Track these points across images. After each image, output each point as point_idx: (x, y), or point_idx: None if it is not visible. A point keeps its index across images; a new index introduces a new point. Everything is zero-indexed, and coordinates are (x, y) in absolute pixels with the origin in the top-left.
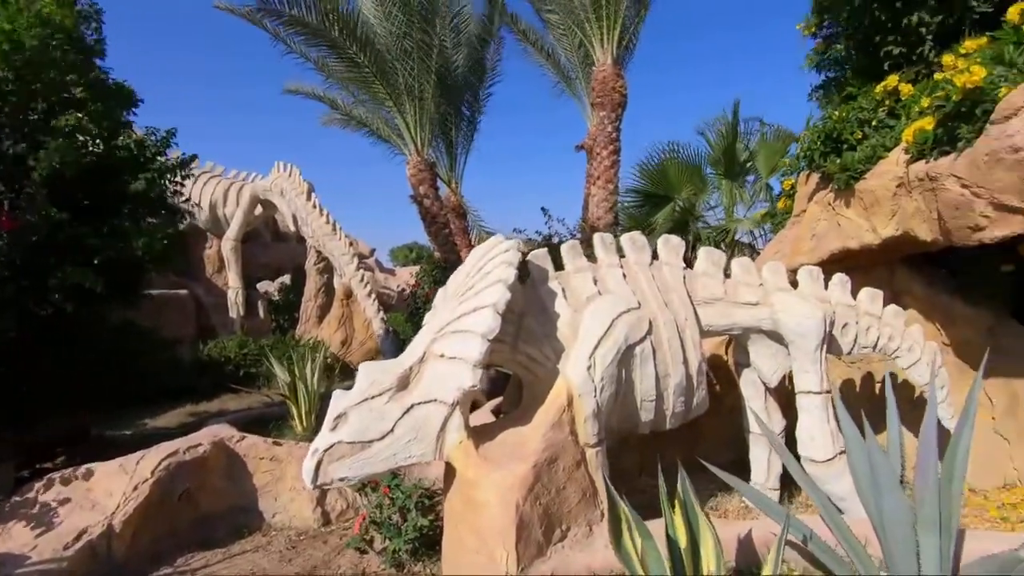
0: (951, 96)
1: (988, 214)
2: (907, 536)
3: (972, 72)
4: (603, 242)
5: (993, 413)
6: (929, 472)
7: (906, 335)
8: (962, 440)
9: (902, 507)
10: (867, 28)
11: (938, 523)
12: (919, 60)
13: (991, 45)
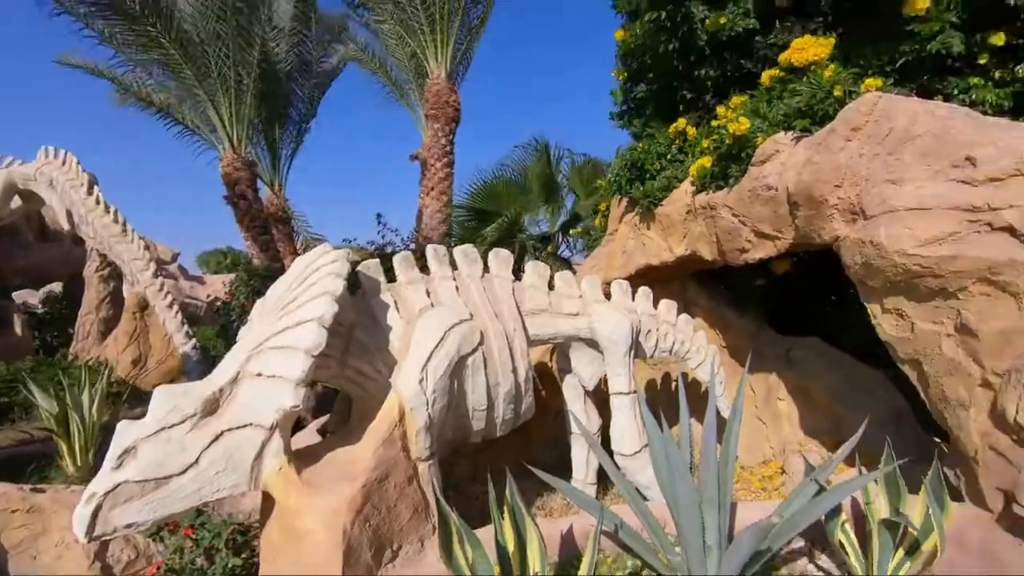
0: (724, 140)
1: (751, 239)
2: (694, 515)
3: (740, 122)
4: (436, 254)
5: (755, 402)
6: (710, 457)
7: (694, 340)
8: (733, 428)
9: (691, 490)
10: (666, 75)
11: (717, 500)
12: (704, 107)
13: (751, 101)
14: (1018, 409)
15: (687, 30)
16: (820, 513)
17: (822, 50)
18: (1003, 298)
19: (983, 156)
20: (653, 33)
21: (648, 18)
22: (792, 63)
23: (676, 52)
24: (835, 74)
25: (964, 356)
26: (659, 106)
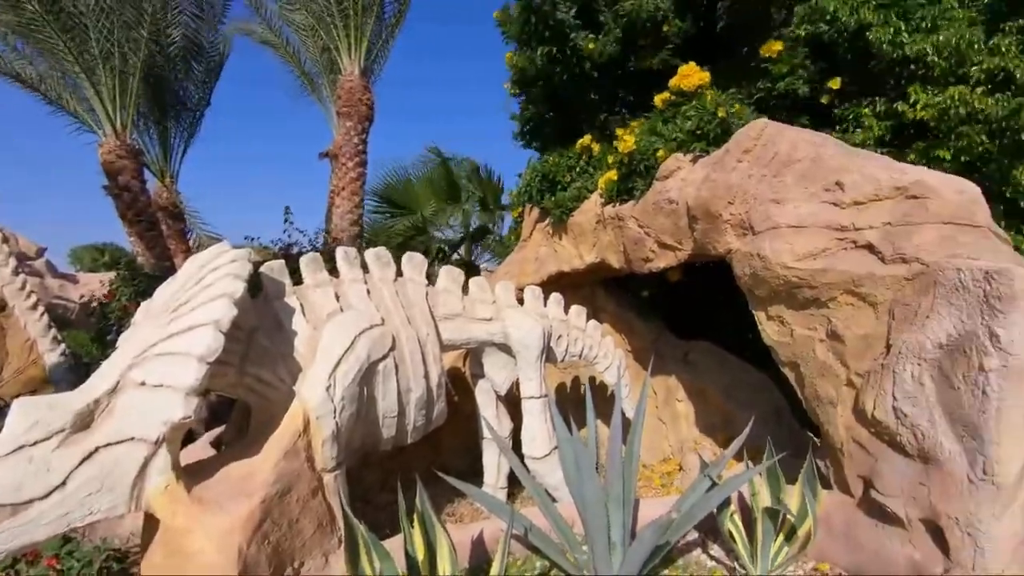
0: (623, 159)
1: (655, 249)
2: (601, 513)
3: (626, 140)
4: (346, 256)
5: (656, 403)
6: (616, 457)
7: (602, 344)
8: (637, 428)
9: (597, 489)
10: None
11: (622, 498)
12: (603, 125)
13: (647, 122)
14: (875, 405)
15: (576, 61)
16: (713, 506)
17: (705, 77)
18: (864, 307)
19: (850, 182)
20: (547, 64)
21: (542, 52)
22: (681, 88)
23: (569, 81)
24: (716, 98)
25: (833, 359)
26: (560, 125)
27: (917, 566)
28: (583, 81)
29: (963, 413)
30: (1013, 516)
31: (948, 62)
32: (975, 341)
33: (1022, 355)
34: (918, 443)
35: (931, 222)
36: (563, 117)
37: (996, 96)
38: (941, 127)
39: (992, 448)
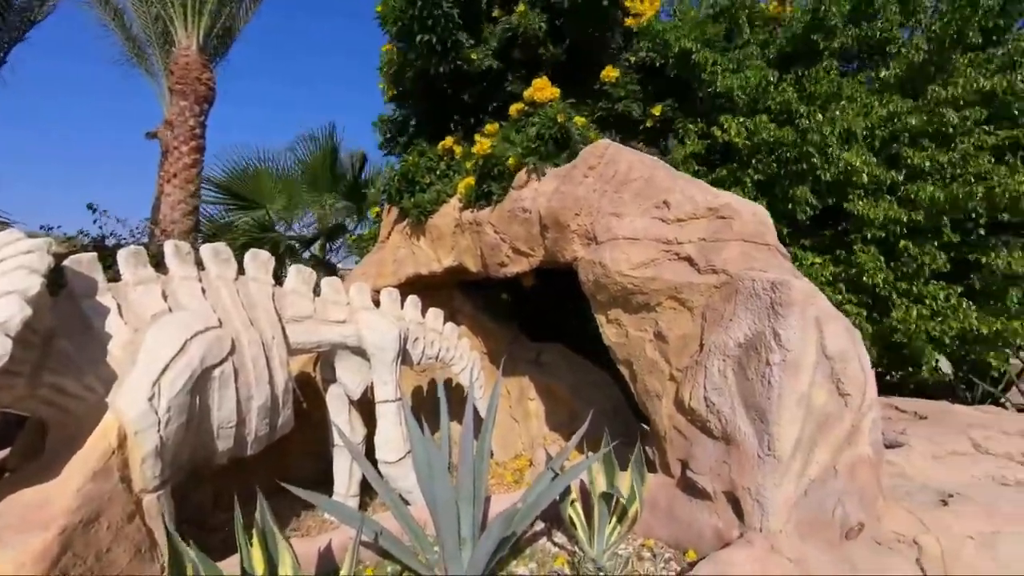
0: (478, 162)
1: (510, 255)
2: (451, 511)
3: (482, 143)
4: (178, 251)
5: (510, 403)
6: (467, 455)
7: (459, 346)
8: (488, 426)
9: (447, 488)
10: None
11: (472, 495)
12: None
13: (502, 129)
14: (691, 396)
15: (456, 55)
16: (554, 495)
17: (556, 92)
18: (684, 311)
19: (674, 201)
20: (426, 55)
21: (421, 40)
22: (534, 99)
23: (447, 75)
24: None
25: (659, 357)
26: (427, 124)
27: (720, 533)
28: (460, 80)
29: (755, 400)
30: (789, 483)
31: (750, 97)
32: (763, 340)
33: (796, 351)
34: (722, 427)
35: (734, 239)
36: (433, 116)
37: (784, 128)
38: (744, 153)
39: (774, 428)
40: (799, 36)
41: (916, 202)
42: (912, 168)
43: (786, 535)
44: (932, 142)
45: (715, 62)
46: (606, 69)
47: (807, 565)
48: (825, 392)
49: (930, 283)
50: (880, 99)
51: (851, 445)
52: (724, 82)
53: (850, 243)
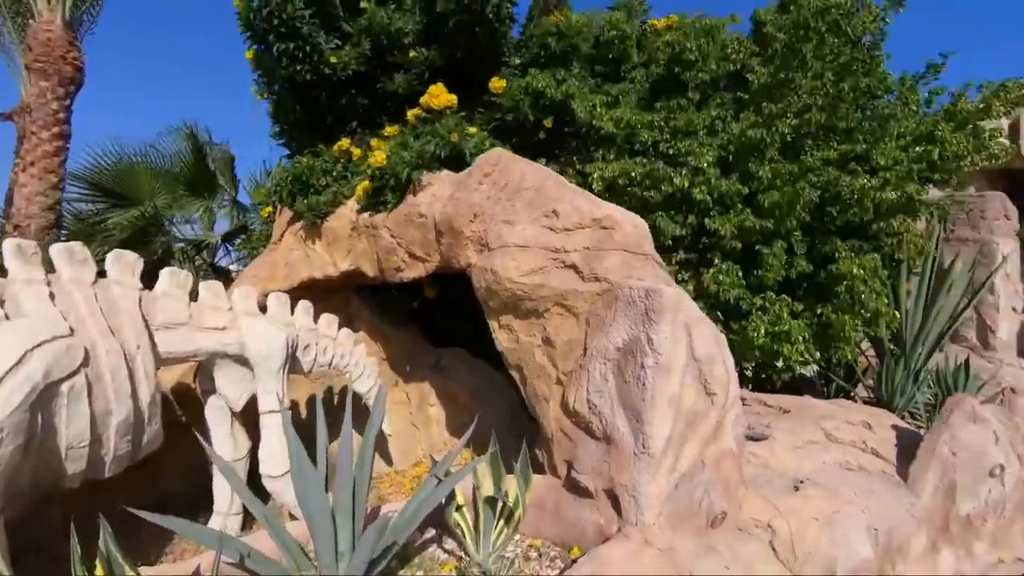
0: (374, 172)
1: (406, 260)
2: (327, 524)
3: (377, 156)
4: (20, 251)
5: (410, 409)
6: (344, 466)
7: (354, 353)
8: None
9: (321, 501)
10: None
11: (351, 507)
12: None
13: (400, 134)
14: (575, 399)
15: (317, 60)
16: (437, 501)
17: (452, 99)
18: (570, 317)
19: (563, 211)
20: (288, 64)
21: (278, 48)
22: (431, 106)
23: (314, 82)
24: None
25: (547, 361)
26: (312, 127)
27: (601, 529)
28: (331, 86)
29: (632, 401)
30: (661, 478)
31: (623, 134)
32: (639, 344)
33: (667, 355)
34: (603, 427)
35: (616, 249)
36: (315, 119)
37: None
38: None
39: (648, 427)
40: (664, 68)
41: (765, 210)
42: (760, 180)
43: (659, 527)
44: (780, 154)
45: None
46: (493, 80)
47: (676, 554)
48: (694, 392)
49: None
50: (735, 115)
51: (717, 440)
52: (601, 121)
53: (711, 260)
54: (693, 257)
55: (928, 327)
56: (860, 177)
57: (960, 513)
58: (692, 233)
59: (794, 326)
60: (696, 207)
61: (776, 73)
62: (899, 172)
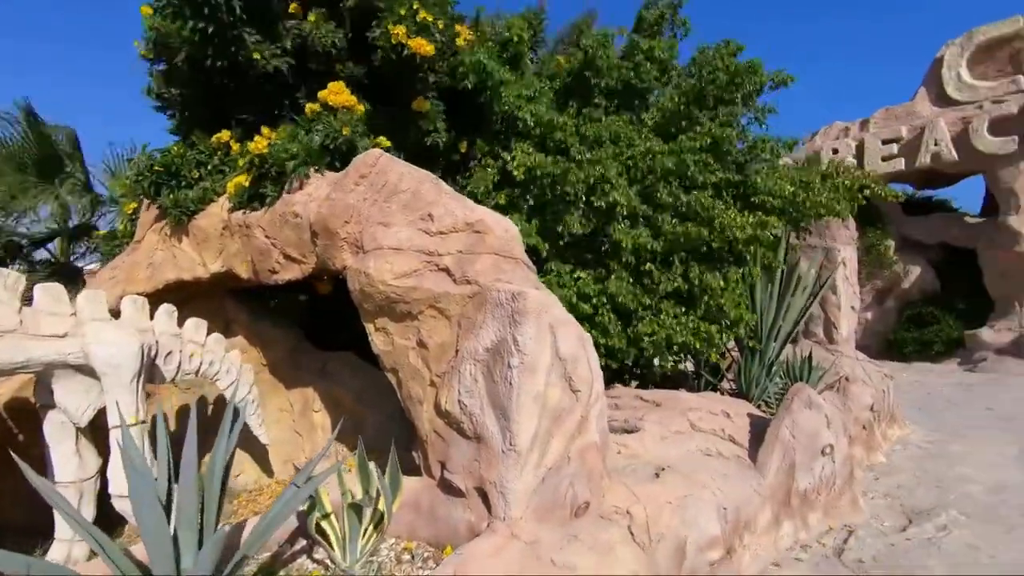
0: (254, 161)
1: (281, 261)
2: (163, 541)
3: (258, 142)
4: None
5: (293, 416)
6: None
7: (225, 359)
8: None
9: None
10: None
11: (195, 521)
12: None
13: (293, 128)
14: (447, 400)
15: (236, 50)
16: (291, 512)
17: (352, 99)
18: (443, 320)
19: (437, 214)
20: (199, 43)
21: (192, 26)
22: (328, 102)
23: (224, 70)
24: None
25: (421, 364)
26: (202, 113)
27: (472, 527)
28: (241, 77)
29: (500, 400)
30: (528, 473)
31: (540, 129)
32: (506, 345)
33: (532, 355)
34: (473, 427)
35: (487, 253)
36: (209, 104)
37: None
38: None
39: (514, 425)
40: (575, 72)
41: (662, 232)
42: (661, 203)
43: (525, 520)
44: (679, 182)
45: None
46: (417, 100)
47: (539, 545)
48: (559, 390)
49: (664, 301)
50: (640, 135)
51: (581, 434)
52: (520, 113)
53: (608, 264)
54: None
55: (779, 325)
56: (732, 212)
57: (799, 489)
58: (594, 235)
59: (677, 329)
60: (604, 213)
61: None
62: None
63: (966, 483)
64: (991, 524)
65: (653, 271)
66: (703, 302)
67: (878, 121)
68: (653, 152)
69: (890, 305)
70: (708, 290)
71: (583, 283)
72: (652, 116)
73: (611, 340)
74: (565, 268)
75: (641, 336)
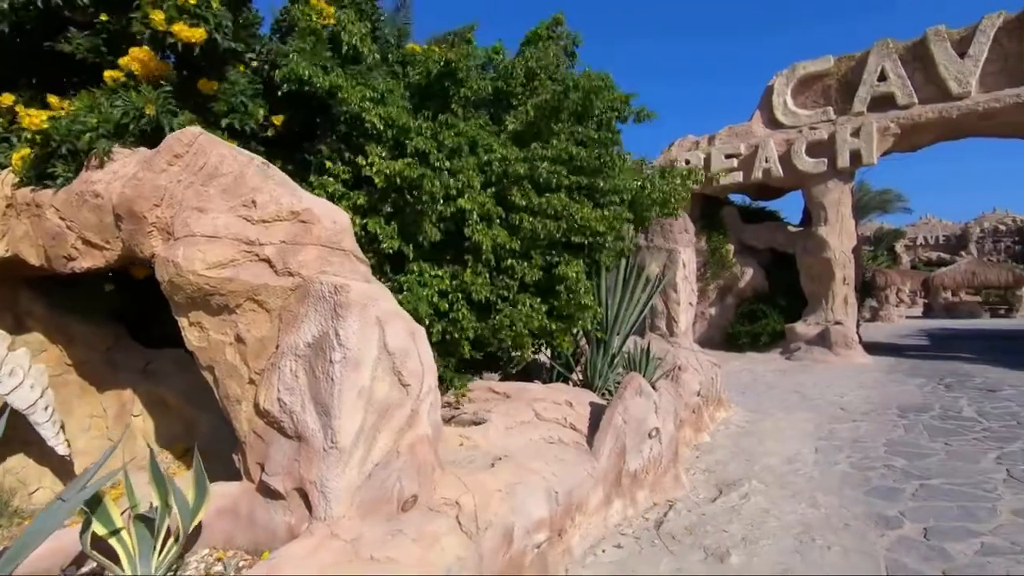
0: (35, 138)
1: (79, 247)
2: None
3: (33, 115)
4: None
5: (106, 422)
6: None
7: (8, 360)
8: None
9: None
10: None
11: None
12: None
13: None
14: (266, 398)
15: None
16: (52, 529)
17: (165, 67)
18: (263, 313)
19: (261, 201)
20: None
21: None
22: (132, 71)
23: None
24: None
25: (239, 360)
26: None
27: (292, 529)
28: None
29: (321, 397)
30: (351, 471)
31: (393, 132)
32: (328, 340)
33: (354, 349)
34: (294, 425)
35: (312, 244)
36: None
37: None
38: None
39: (336, 421)
40: (435, 77)
41: (519, 231)
42: (515, 205)
43: (348, 518)
44: (532, 186)
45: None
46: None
47: (360, 541)
48: (387, 384)
49: (522, 293)
50: (499, 141)
51: (412, 428)
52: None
53: (467, 262)
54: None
55: (622, 319)
56: (586, 208)
57: (629, 469)
58: (457, 236)
59: (535, 316)
60: (456, 219)
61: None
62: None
63: (769, 456)
64: (782, 490)
65: (515, 266)
66: (559, 293)
67: (723, 137)
68: (508, 159)
69: (730, 302)
70: (565, 280)
71: (440, 281)
72: (512, 122)
73: (467, 333)
74: (428, 268)
75: (500, 327)
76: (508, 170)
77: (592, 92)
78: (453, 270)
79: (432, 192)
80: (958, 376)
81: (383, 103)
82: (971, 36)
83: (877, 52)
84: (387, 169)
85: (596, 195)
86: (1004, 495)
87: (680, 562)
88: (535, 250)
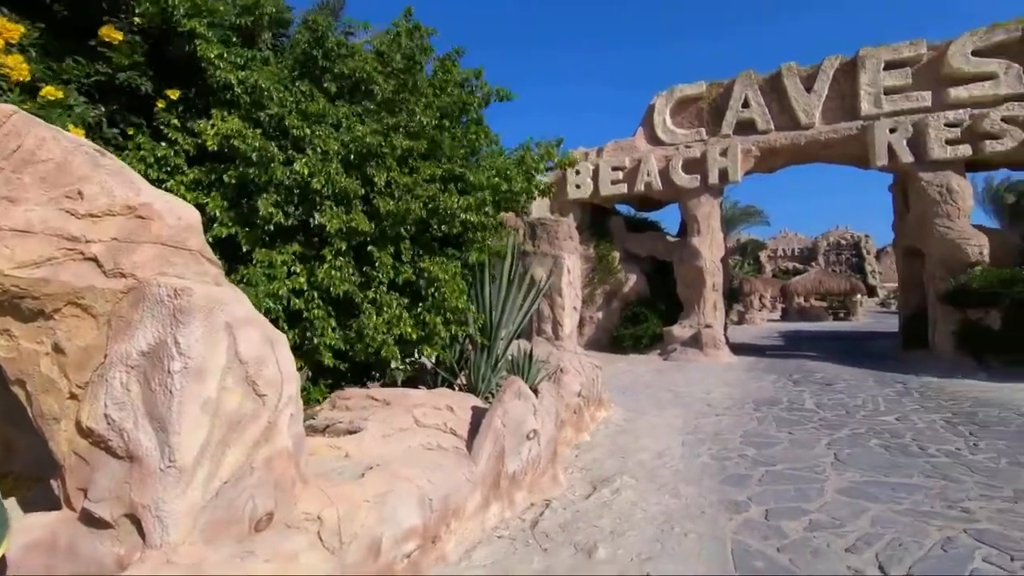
0: None
1: None
2: None
3: None
4: None
5: None
6: None
7: None
8: None
9: None
10: None
11: None
12: None
13: None
14: (90, 415)
15: None
16: None
17: (13, 33)
18: (87, 319)
19: (90, 193)
20: None
21: None
22: None
23: None
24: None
25: (58, 373)
26: None
27: (122, 561)
28: None
29: (158, 411)
30: (193, 491)
31: (251, 98)
32: (166, 348)
33: (196, 358)
34: (125, 444)
35: (151, 242)
36: None
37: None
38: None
39: (175, 438)
40: (304, 52)
41: (380, 215)
42: (377, 186)
43: (189, 544)
44: (397, 165)
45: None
46: (106, 27)
47: (203, 566)
48: (239, 395)
49: (390, 294)
50: (360, 121)
51: (269, 441)
52: (225, 75)
53: (323, 255)
54: (310, 252)
55: (506, 323)
56: (454, 196)
57: (508, 471)
58: (301, 224)
59: (406, 320)
60: (308, 198)
61: (397, 91)
62: (482, 197)
63: (642, 452)
64: (651, 483)
65: (378, 256)
66: (429, 294)
67: (610, 151)
68: (364, 134)
69: (615, 306)
70: (435, 281)
71: (295, 279)
72: (374, 102)
73: (326, 339)
74: (277, 258)
75: (366, 331)
76: (365, 145)
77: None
78: (308, 265)
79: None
80: (803, 372)
81: (247, 69)
82: (816, 74)
83: (741, 82)
84: (224, 129)
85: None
86: (831, 476)
87: (551, 559)
88: (403, 243)
